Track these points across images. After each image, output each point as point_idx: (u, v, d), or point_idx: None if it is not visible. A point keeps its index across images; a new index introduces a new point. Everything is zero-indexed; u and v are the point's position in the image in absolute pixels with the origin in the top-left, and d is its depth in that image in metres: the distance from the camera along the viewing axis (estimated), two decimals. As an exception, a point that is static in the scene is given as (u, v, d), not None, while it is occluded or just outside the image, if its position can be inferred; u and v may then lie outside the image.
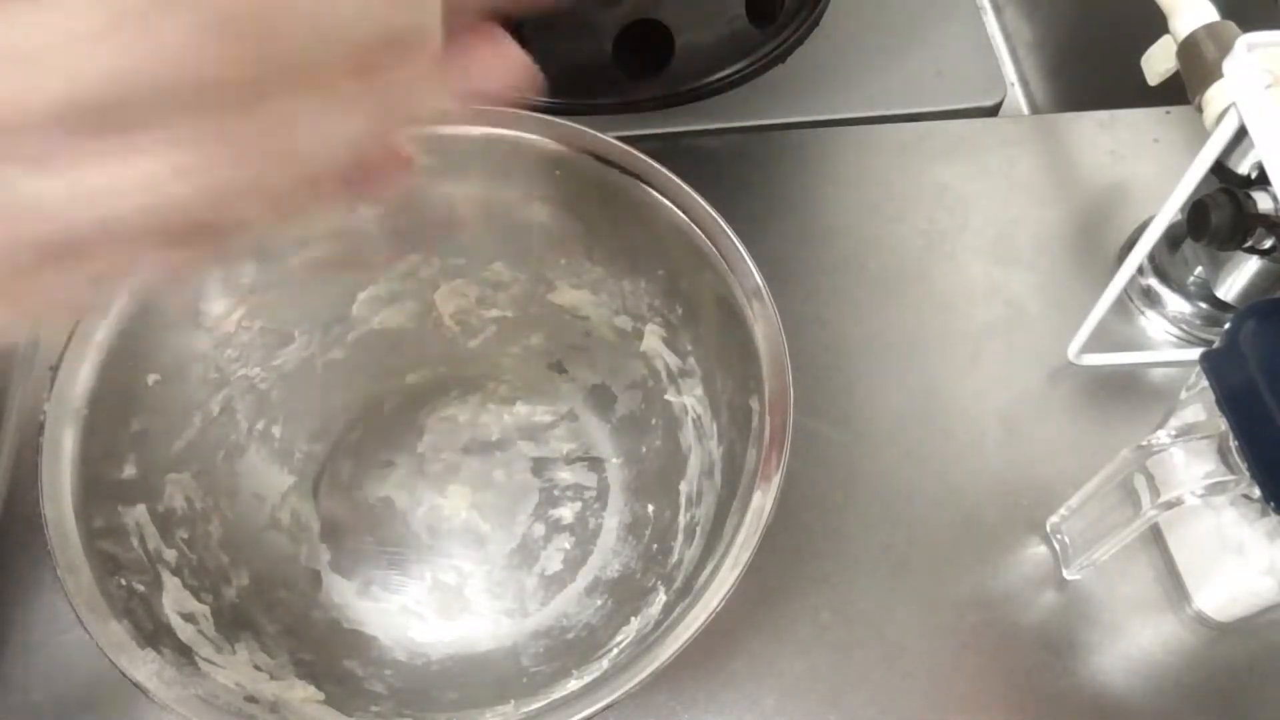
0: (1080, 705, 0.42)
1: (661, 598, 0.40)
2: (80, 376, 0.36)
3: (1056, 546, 0.45)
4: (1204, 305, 0.51)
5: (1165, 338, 0.51)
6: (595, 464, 0.47)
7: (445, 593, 0.44)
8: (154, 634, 0.34)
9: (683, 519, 0.43)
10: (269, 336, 0.43)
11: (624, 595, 0.43)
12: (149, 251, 0.18)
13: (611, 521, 0.45)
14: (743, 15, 0.57)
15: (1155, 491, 0.42)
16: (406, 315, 0.46)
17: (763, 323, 0.38)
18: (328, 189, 0.20)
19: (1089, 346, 0.49)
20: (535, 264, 0.45)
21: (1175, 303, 0.51)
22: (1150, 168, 0.56)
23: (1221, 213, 0.44)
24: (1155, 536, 0.46)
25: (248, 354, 0.42)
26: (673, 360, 0.44)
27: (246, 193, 0.18)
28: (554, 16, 0.55)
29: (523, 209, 0.42)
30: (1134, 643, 0.44)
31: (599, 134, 0.40)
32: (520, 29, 0.55)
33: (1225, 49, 0.40)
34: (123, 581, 0.34)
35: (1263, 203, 0.43)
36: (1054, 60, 0.72)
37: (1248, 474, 0.36)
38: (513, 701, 0.38)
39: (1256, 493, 0.36)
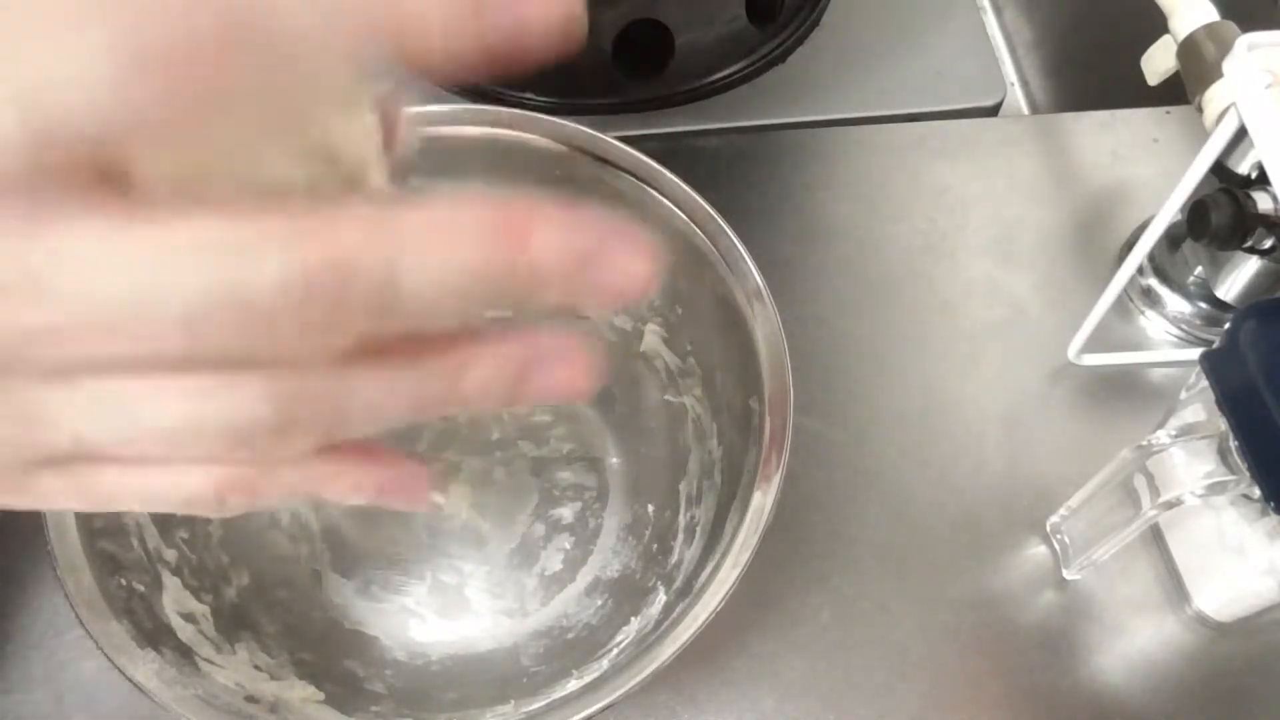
0: (1080, 705, 0.42)
1: (661, 598, 0.40)
2: (80, 376, 0.36)
3: (1056, 546, 0.45)
4: (1204, 305, 0.51)
5: (1165, 338, 0.51)
6: (595, 464, 0.47)
7: (445, 593, 0.44)
8: (154, 634, 0.34)
9: (683, 519, 0.43)
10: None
11: (624, 595, 0.43)
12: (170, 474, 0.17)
13: (611, 521, 0.45)
14: (743, 15, 0.57)
15: (1155, 491, 0.42)
16: (406, 315, 0.46)
17: (763, 323, 0.38)
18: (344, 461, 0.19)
19: (1089, 346, 0.49)
20: (535, 264, 0.45)
21: (1175, 303, 0.51)
22: (1150, 168, 0.56)
23: (1221, 213, 0.44)
24: (1155, 536, 0.46)
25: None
26: (673, 360, 0.44)
27: (275, 438, 0.17)
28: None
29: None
30: (1134, 643, 0.44)
31: (599, 134, 0.40)
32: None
33: (1225, 49, 0.40)
34: (123, 581, 0.34)
35: (1263, 203, 0.43)
36: (1054, 60, 0.72)
37: (1248, 474, 0.36)
38: (513, 701, 0.38)
39: (1256, 493, 0.36)
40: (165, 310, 0.14)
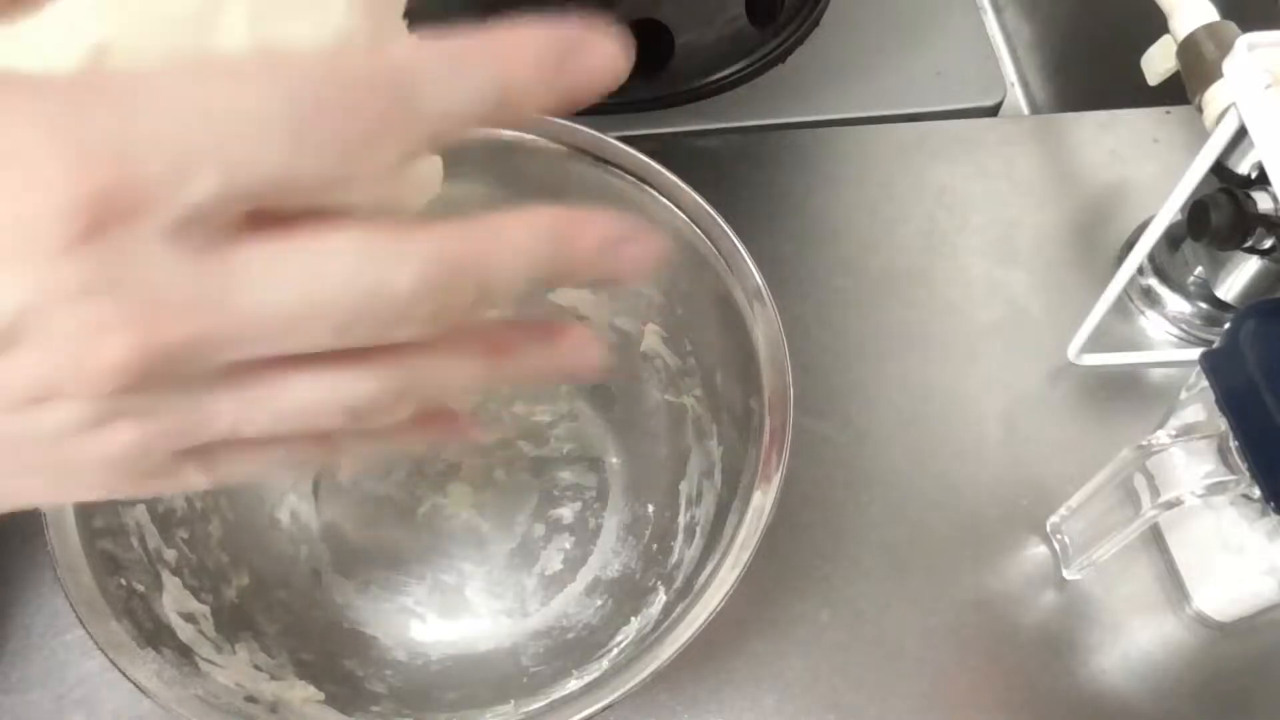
0: (1080, 705, 0.42)
1: (661, 598, 0.40)
2: (80, 376, 0.36)
3: (1056, 546, 0.45)
4: (1204, 305, 0.51)
5: (1165, 338, 0.51)
6: (595, 464, 0.47)
7: (445, 593, 0.44)
8: (154, 634, 0.34)
9: (683, 519, 0.43)
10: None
11: (624, 595, 0.43)
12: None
13: (611, 521, 0.45)
14: (743, 15, 0.57)
15: (1155, 491, 0.42)
16: (406, 315, 0.46)
17: (763, 323, 0.38)
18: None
19: (1089, 346, 0.49)
20: (535, 264, 0.45)
21: (1175, 303, 0.51)
22: (1150, 168, 0.56)
23: (1221, 213, 0.44)
24: (1155, 536, 0.46)
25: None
26: (673, 360, 0.44)
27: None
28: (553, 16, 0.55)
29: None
30: (1134, 643, 0.44)
31: (599, 134, 0.40)
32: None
33: (1225, 49, 0.40)
34: (123, 581, 0.34)
35: (1263, 203, 0.43)
36: (1054, 60, 0.72)
37: (1248, 474, 0.36)
38: (513, 701, 0.38)
39: (1256, 493, 0.36)
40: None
